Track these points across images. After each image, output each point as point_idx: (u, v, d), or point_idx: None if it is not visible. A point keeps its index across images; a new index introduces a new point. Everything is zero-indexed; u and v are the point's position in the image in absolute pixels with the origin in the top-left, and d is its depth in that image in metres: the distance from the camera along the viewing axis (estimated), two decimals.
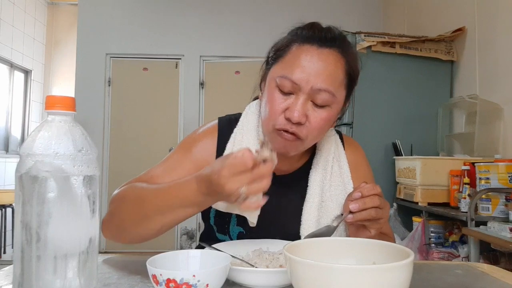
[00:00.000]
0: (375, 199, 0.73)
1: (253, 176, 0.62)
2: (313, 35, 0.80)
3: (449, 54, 2.70)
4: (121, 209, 0.79)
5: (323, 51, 0.78)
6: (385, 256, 0.56)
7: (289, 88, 0.78)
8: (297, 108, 0.76)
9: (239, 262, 0.72)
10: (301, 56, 0.78)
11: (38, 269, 0.49)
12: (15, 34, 4.78)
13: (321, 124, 0.79)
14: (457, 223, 2.15)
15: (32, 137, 0.51)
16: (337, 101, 0.81)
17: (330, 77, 0.77)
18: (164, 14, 4.26)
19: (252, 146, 0.86)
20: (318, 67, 0.77)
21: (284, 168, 0.91)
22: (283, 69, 0.79)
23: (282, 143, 0.80)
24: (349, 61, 0.82)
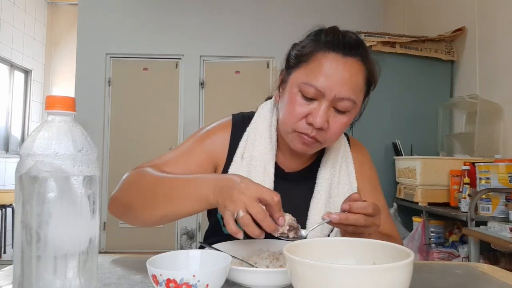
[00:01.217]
0: (360, 219, 0.70)
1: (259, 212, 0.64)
2: (337, 43, 0.82)
3: (449, 54, 2.70)
4: (132, 190, 0.81)
5: (348, 60, 0.81)
6: (385, 256, 0.56)
7: (313, 94, 0.80)
8: (320, 114, 0.79)
9: (239, 262, 0.72)
10: (326, 64, 0.80)
11: (38, 269, 0.49)
12: (15, 34, 4.78)
13: (341, 129, 0.84)
14: (457, 223, 2.15)
15: (32, 137, 0.51)
16: (357, 107, 0.84)
17: (353, 86, 0.80)
18: (164, 14, 4.26)
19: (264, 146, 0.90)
20: (342, 76, 0.79)
21: (294, 166, 0.95)
22: (308, 76, 0.81)
23: (300, 145, 0.84)
24: (369, 69, 0.85)
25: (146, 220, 0.78)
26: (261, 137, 0.92)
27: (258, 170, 0.89)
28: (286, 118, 0.85)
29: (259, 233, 0.65)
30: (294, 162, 0.95)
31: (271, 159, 0.91)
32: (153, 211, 0.76)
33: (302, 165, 0.96)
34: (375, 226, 0.74)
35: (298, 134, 0.83)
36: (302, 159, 0.95)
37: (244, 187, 0.66)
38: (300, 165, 0.96)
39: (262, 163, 0.90)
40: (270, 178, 0.90)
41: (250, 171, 0.89)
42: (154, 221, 0.77)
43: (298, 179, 0.95)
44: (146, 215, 0.77)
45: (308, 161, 0.97)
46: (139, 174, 0.83)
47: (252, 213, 0.64)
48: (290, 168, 0.95)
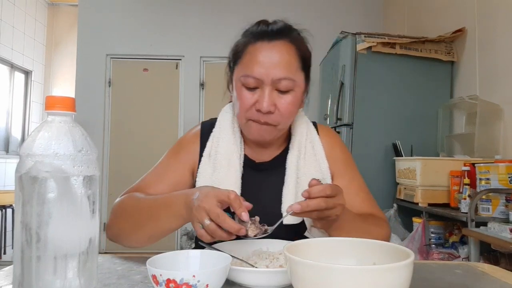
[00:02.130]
0: (321, 203, 0.71)
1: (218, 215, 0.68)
2: (262, 32, 0.89)
3: (449, 55, 2.70)
4: (120, 218, 0.88)
5: (275, 44, 0.87)
6: (385, 257, 0.56)
7: (253, 83, 0.87)
8: (265, 99, 0.85)
9: (239, 262, 0.72)
10: (257, 53, 0.87)
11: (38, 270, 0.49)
12: (16, 35, 4.78)
13: (289, 108, 0.88)
14: (457, 224, 2.15)
15: (32, 137, 0.51)
16: (298, 84, 0.89)
17: (286, 65, 0.86)
18: (164, 14, 4.26)
19: (228, 142, 0.96)
20: (273, 59, 0.86)
21: (264, 157, 0.99)
22: (244, 69, 0.88)
23: (256, 131, 0.90)
24: (299, 46, 0.91)
25: (136, 242, 0.85)
26: (224, 134, 0.98)
27: (222, 164, 0.94)
28: (238, 111, 0.91)
29: (227, 236, 0.70)
30: (263, 153, 0.99)
31: (235, 152, 0.96)
32: (140, 234, 0.83)
33: (271, 155, 1.00)
34: (339, 206, 0.74)
35: (251, 122, 0.89)
36: (270, 149, 0.99)
37: (203, 196, 0.71)
38: (270, 155, 0.99)
39: (227, 157, 0.95)
40: (235, 170, 0.94)
41: (216, 166, 0.94)
42: (143, 242, 0.84)
43: (269, 168, 0.98)
44: (135, 238, 0.85)
45: (277, 150, 1.01)
46: (124, 202, 0.90)
47: (213, 218, 0.69)
48: (260, 159, 0.99)
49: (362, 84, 2.70)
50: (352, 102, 2.69)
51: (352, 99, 2.69)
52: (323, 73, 3.38)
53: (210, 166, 0.95)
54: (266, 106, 0.85)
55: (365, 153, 2.66)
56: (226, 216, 0.69)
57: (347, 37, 2.74)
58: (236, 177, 0.93)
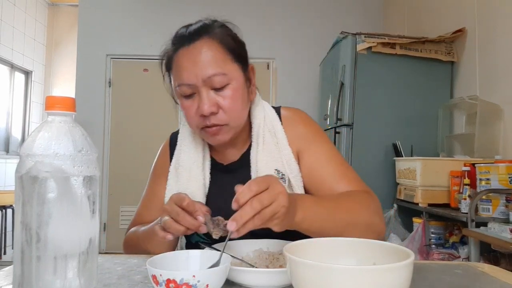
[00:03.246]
0: (254, 203, 0.60)
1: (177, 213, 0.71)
2: (181, 38, 0.89)
3: (449, 55, 2.70)
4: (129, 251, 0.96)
5: (194, 45, 0.86)
6: (385, 257, 0.56)
7: (189, 90, 0.86)
8: (203, 102, 0.84)
9: (239, 262, 0.72)
10: (181, 60, 0.86)
11: (38, 270, 0.49)
12: (16, 35, 4.79)
13: (232, 103, 0.86)
14: (458, 224, 2.15)
15: (32, 137, 0.51)
16: (233, 76, 0.86)
17: (211, 62, 0.84)
18: (164, 14, 4.26)
19: (188, 151, 0.98)
20: (196, 60, 0.84)
21: (232, 157, 0.98)
22: (176, 79, 0.88)
23: (212, 137, 0.89)
24: (222, 40, 0.88)
25: None
26: (184, 145, 0.99)
27: (183, 175, 0.95)
28: (188, 122, 0.91)
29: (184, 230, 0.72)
30: (228, 154, 0.98)
31: (196, 161, 0.96)
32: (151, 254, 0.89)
33: (239, 152, 0.98)
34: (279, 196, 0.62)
35: (202, 130, 0.88)
36: (236, 148, 0.97)
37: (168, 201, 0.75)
38: (238, 154, 0.97)
39: (188, 167, 0.96)
40: (196, 179, 0.94)
41: (179, 177, 0.96)
42: None
43: (238, 168, 0.97)
44: None
45: (244, 147, 0.98)
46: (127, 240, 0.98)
47: (173, 217, 0.72)
48: (229, 160, 0.98)
49: (362, 84, 2.70)
50: (352, 102, 2.69)
51: (352, 99, 2.69)
52: (323, 73, 3.39)
53: (173, 179, 0.97)
54: (206, 109, 0.83)
55: (365, 153, 2.66)
56: (185, 214, 0.71)
57: (347, 37, 2.74)
58: (197, 185, 0.94)
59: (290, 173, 0.92)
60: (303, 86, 4.15)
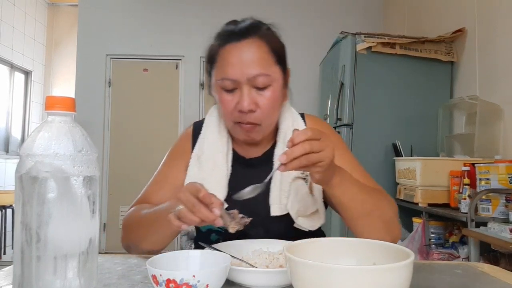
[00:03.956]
0: (306, 145, 0.68)
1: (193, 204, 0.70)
2: (230, 33, 0.91)
3: (449, 55, 2.70)
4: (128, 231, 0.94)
5: (243, 43, 0.89)
6: (385, 257, 0.56)
7: (231, 85, 0.88)
8: (244, 98, 0.87)
9: (239, 262, 0.72)
10: (228, 56, 0.89)
11: (38, 270, 0.49)
12: (16, 35, 4.79)
13: (269, 104, 0.89)
14: (457, 224, 2.15)
15: (32, 137, 0.51)
16: (275, 79, 0.90)
17: (258, 61, 0.87)
18: (164, 14, 4.26)
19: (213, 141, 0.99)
20: (244, 58, 0.87)
21: (255, 153, 1.01)
22: (220, 73, 0.90)
23: (244, 134, 0.92)
24: (269, 41, 0.91)
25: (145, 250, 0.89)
26: (210, 134, 1.00)
27: (207, 164, 0.96)
28: (223, 115, 0.94)
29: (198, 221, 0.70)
30: (253, 150, 1.00)
31: (221, 151, 0.98)
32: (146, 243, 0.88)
33: (261, 150, 1.01)
34: (327, 148, 0.70)
35: (237, 124, 0.91)
36: (258, 146, 1.00)
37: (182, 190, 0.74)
38: (261, 150, 1.01)
39: (212, 156, 0.97)
40: (220, 168, 0.96)
41: (201, 166, 0.97)
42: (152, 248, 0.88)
43: (259, 164, 0.99)
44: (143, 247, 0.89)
45: (267, 145, 1.01)
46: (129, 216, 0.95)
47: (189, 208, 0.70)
48: (251, 155, 1.00)
49: (362, 84, 2.70)
50: (352, 102, 2.69)
51: (352, 99, 2.69)
52: (323, 73, 3.39)
53: (196, 166, 0.98)
54: (246, 105, 0.86)
55: (365, 153, 2.65)
56: (201, 206, 0.70)
57: (347, 37, 2.74)
58: (221, 175, 0.95)
59: None
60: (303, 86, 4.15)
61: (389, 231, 0.85)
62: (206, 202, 0.71)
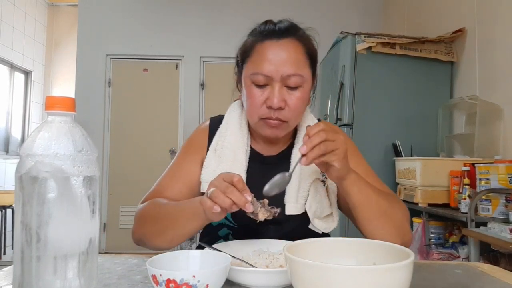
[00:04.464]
0: (321, 134, 0.73)
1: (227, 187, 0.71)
2: (270, 31, 0.92)
3: (449, 55, 2.70)
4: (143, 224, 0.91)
5: (282, 42, 0.90)
6: (385, 257, 0.56)
7: (263, 81, 0.89)
8: (275, 95, 0.87)
9: (239, 262, 0.72)
10: (265, 52, 0.89)
11: (38, 270, 0.49)
12: (16, 35, 4.78)
13: (299, 104, 0.91)
14: (457, 224, 2.15)
15: (32, 137, 0.51)
16: (306, 80, 0.91)
17: (294, 62, 0.89)
18: (164, 15, 4.26)
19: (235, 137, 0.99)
20: (281, 56, 0.88)
21: (271, 151, 1.02)
22: (254, 67, 0.90)
23: (269, 130, 0.92)
24: (306, 44, 0.93)
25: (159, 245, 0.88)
26: (232, 129, 1.00)
27: (228, 158, 0.97)
28: (249, 109, 0.93)
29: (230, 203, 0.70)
30: (270, 148, 1.02)
31: (241, 146, 0.98)
32: (162, 238, 0.86)
33: (279, 149, 1.02)
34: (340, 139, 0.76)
35: (263, 120, 0.91)
36: (277, 144, 1.01)
37: (216, 177, 0.75)
38: (277, 149, 1.02)
39: (232, 151, 0.97)
40: (241, 163, 0.96)
41: (221, 160, 0.97)
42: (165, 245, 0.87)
43: (276, 162, 1.00)
44: (158, 242, 0.88)
45: (284, 145, 1.03)
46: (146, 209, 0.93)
47: (222, 190, 0.71)
48: (268, 153, 1.01)
49: (362, 84, 2.70)
50: (352, 102, 2.69)
51: (352, 99, 2.69)
52: (323, 73, 3.38)
53: (215, 160, 0.98)
54: (276, 102, 0.87)
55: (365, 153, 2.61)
56: (234, 189, 0.71)
57: (347, 37, 2.74)
58: (241, 170, 0.95)
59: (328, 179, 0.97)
60: None
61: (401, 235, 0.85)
62: (239, 187, 0.72)
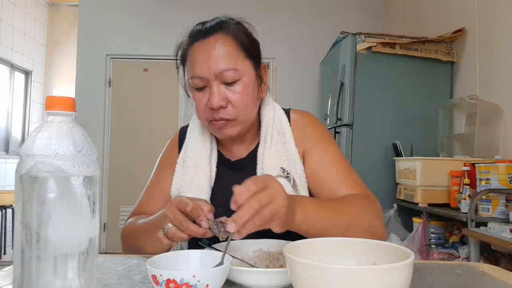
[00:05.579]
0: (252, 203, 0.59)
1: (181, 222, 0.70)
2: (197, 33, 0.91)
3: (449, 55, 2.70)
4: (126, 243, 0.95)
5: (208, 40, 0.88)
6: (385, 257, 0.56)
7: (200, 83, 0.88)
8: (213, 95, 0.86)
9: (239, 262, 0.72)
10: (195, 53, 0.89)
11: (38, 270, 0.49)
12: (16, 35, 4.78)
13: (242, 99, 0.87)
14: (457, 224, 2.15)
15: (32, 137, 0.51)
16: (244, 72, 0.88)
17: (224, 56, 0.86)
18: (164, 14, 4.26)
19: (196, 145, 0.98)
20: (210, 54, 0.86)
21: (240, 154, 0.99)
22: (189, 71, 0.90)
23: (219, 131, 0.90)
24: (237, 36, 0.90)
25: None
26: (193, 138, 1.00)
27: (190, 168, 0.96)
28: (197, 114, 0.93)
29: (187, 237, 0.72)
30: (236, 151, 0.99)
31: (203, 154, 0.97)
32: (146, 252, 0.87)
33: (246, 151, 0.99)
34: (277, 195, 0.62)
35: (211, 123, 0.90)
36: (244, 145, 0.99)
37: (167, 207, 0.74)
38: (246, 151, 0.99)
39: (194, 160, 0.96)
40: (203, 171, 0.95)
41: (185, 171, 0.96)
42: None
43: (244, 165, 0.97)
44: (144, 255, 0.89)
45: (252, 145, 0.99)
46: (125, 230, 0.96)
47: (177, 225, 0.71)
48: (237, 157, 0.99)
49: (362, 84, 2.70)
50: (352, 102, 2.69)
51: (352, 99, 2.69)
52: (323, 73, 3.39)
53: (181, 171, 0.97)
54: (215, 102, 0.85)
55: (365, 153, 2.66)
56: (189, 223, 0.70)
57: (347, 37, 2.74)
58: (204, 178, 0.94)
59: (295, 172, 0.93)
60: (303, 86, 4.15)
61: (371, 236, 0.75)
62: (193, 216, 0.71)
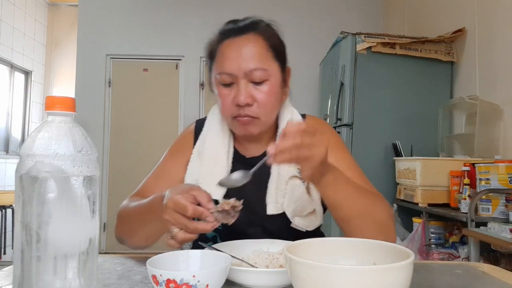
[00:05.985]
0: (297, 138, 0.65)
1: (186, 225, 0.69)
2: (230, 29, 0.93)
3: (449, 55, 2.70)
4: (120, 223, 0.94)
5: (241, 38, 0.90)
6: (385, 257, 0.56)
7: (228, 79, 0.89)
8: (241, 93, 0.87)
9: (239, 262, 0.72)
10: (226, 51, 0.90)
11: (38, 270, 0.49)
12: (16, 35, 4.78)
13: (267, 98, 0.90)
14: (457, 224, 2.15)
15: (32, 137, 0.51)
16: (272, 74, 0.91)
17: (255, 56, 0.89)
18: (164, 14, 4.26)
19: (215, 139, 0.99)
20: (241, 53, 0.88)
21: (254, 151, 1.00)
22: (218, 67, 0.91)
23: (241, 127, 0.92)
24: (268, 37, 0.92)
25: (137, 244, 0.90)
26: (212, 131, 1.01)
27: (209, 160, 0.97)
28: (222, 110, 0.94)
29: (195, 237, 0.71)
30: (253, 148, 1.00)
31: (222, 148, 0.98)
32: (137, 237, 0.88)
33: (262, 149, 1.00)
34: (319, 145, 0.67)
35: (235, 119, 0.91)
36: (260, 144, 1.00)
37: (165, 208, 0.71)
38: (260, 150, 1.00)
39: (213, 153, 0.98)
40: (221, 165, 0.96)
41: (202, 162, 0.97)
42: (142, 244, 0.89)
43: None
44: (135, 241, 0.90)
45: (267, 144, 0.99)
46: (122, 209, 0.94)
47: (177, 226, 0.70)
48: (251, 154, 1.00)
49: (362, 84, 2.70)
50: (352, 102, 2.69)
51: (352, 99, 2.69)
52: (323, 73, 3.39)
53: (197, 162, 0.98)
54: (243, 99, 0.87)
55: (365, 153, 2.66)
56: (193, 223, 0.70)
57: (347, 37, 2.74)
58: (222, 173, 0.95)
59: None
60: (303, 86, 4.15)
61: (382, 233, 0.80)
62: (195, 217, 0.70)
